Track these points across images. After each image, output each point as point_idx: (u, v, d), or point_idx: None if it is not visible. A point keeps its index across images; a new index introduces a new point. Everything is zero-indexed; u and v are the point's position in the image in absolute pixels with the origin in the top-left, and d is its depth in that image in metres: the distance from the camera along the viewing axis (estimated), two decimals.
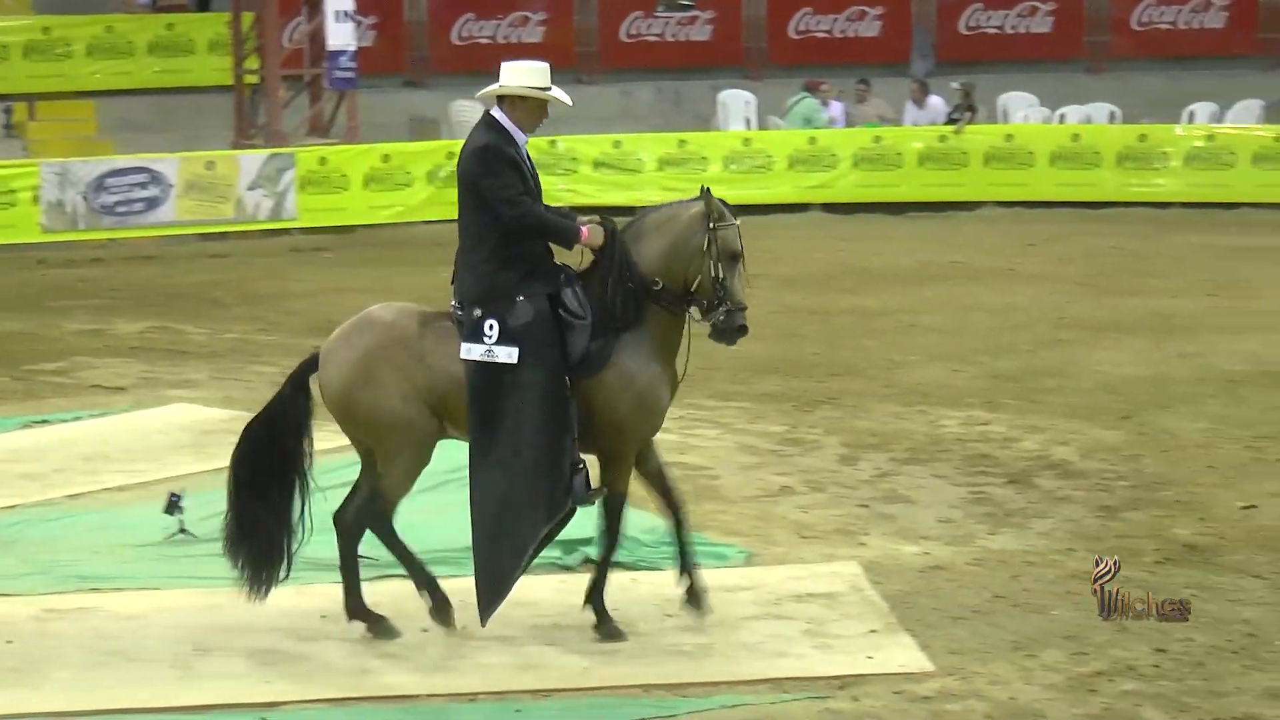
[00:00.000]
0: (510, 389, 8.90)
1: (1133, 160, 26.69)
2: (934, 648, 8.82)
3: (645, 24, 31.59)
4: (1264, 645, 8.79)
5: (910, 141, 27.26)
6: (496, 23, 31.12)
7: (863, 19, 31.51)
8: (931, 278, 20.54)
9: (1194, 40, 30.76)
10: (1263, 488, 11.58)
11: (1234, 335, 16.60)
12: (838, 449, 12.87)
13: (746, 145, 27.49)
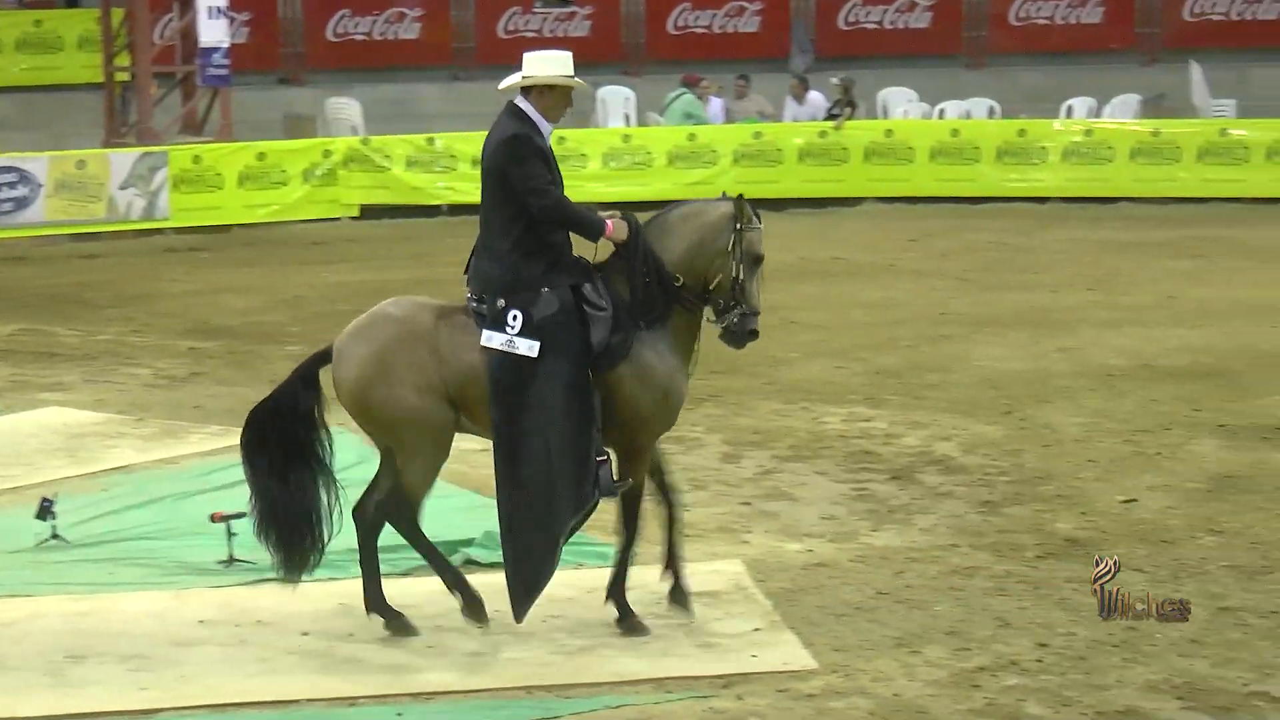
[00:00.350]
0: (533, 381, 8.88)
1: (1012, 155, 26.83)
2: (818, 645, 8.78)
3: (523, 20, 31.53)
4: (1144, 639, 8.80)
5: (790, 137, 27.28)
6: (373, 19, 30.97)
7: (742, 15, 31.55)
8: (812, 274, 20.54)
9: (1071, 35, 31.00)
10: (1142, 481, 11.62)
11: (1113, 329, 16.69)
12: (720, 447, 12.82)
13: (626, 142, 27.42)
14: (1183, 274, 19.96)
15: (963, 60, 31.28)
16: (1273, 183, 25.90)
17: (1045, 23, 31.19)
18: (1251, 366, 14.88)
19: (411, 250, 23.53)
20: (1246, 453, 12.18)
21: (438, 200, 26.77)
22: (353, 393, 9.04)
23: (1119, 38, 30.89)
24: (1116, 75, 29.78)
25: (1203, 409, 13.45)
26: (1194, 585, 9.59)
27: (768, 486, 11.79)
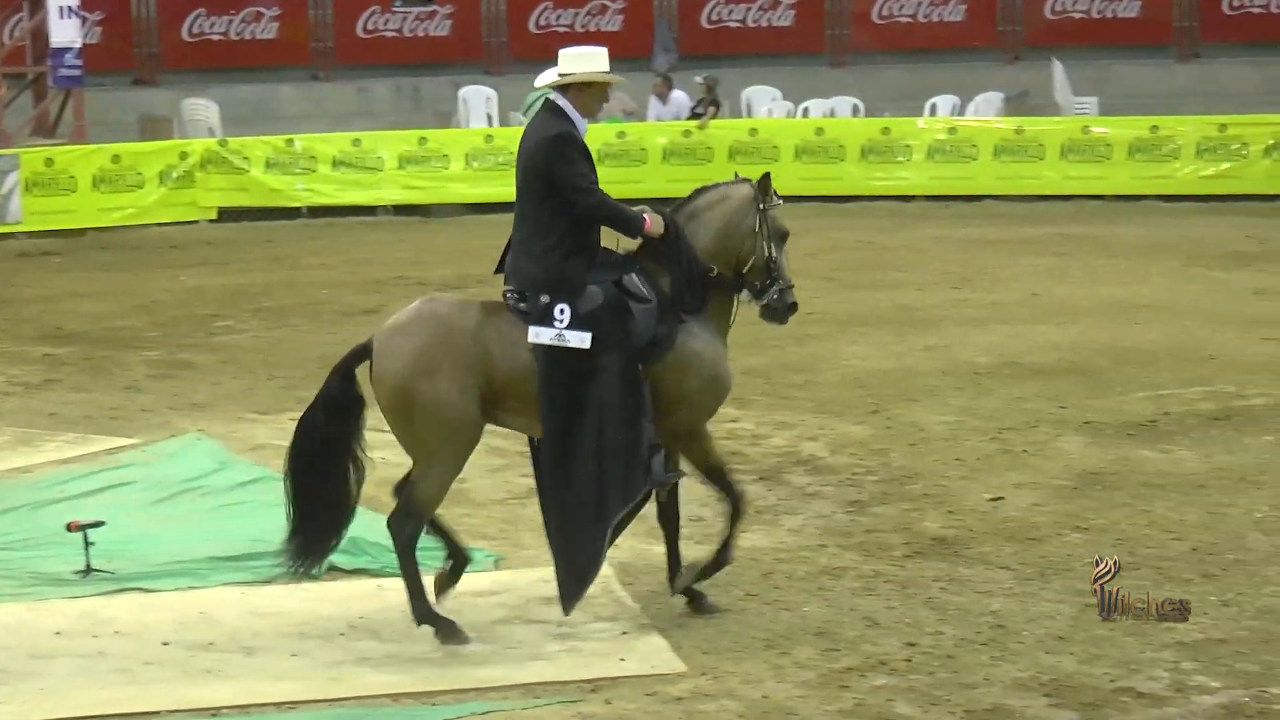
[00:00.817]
0: (584, 375, 8.94)
1: (876, 153, 26.90)
2: (686, 648, 8.71)
3: (383, 19, 31.34)
4: (1012, 636, 8.80)
5: (654, 136, 27.23)
6: (229, 19, 30.67)
7: (604, 13, 31.50)
8: None
9: (934, 33, 31.17)
10: (1008, 479, 11.64)
11: (978, 327, 16.73)
12: None
13: (489, 142, 27.26)
14: (1046, 271, 20.07)
15: (826, 58, 31.38)
16: (1134, 180, 26.13)
17: (908, 21, 31.34)
18: (1115, 363, 14.96)
19: (271, 253, 23.30)
20: (1111, 449, 12.22)
21: (298, 202, 26.53)
22: (395, 388, 8.98)
23: (981, 36, 31.10)
24: (979, 73, 29.97)
25: (1068, 406, 13.50)
26: (1060, 583, 9.60)
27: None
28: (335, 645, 8.91)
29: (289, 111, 29.95)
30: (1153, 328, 16.53)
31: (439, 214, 26.71)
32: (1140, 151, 26.21)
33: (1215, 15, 30.58)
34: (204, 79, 29.93)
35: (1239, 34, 30.49)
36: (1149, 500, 11.07)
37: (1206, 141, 26.03)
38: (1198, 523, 10.59)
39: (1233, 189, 25.82)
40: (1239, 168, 25.89)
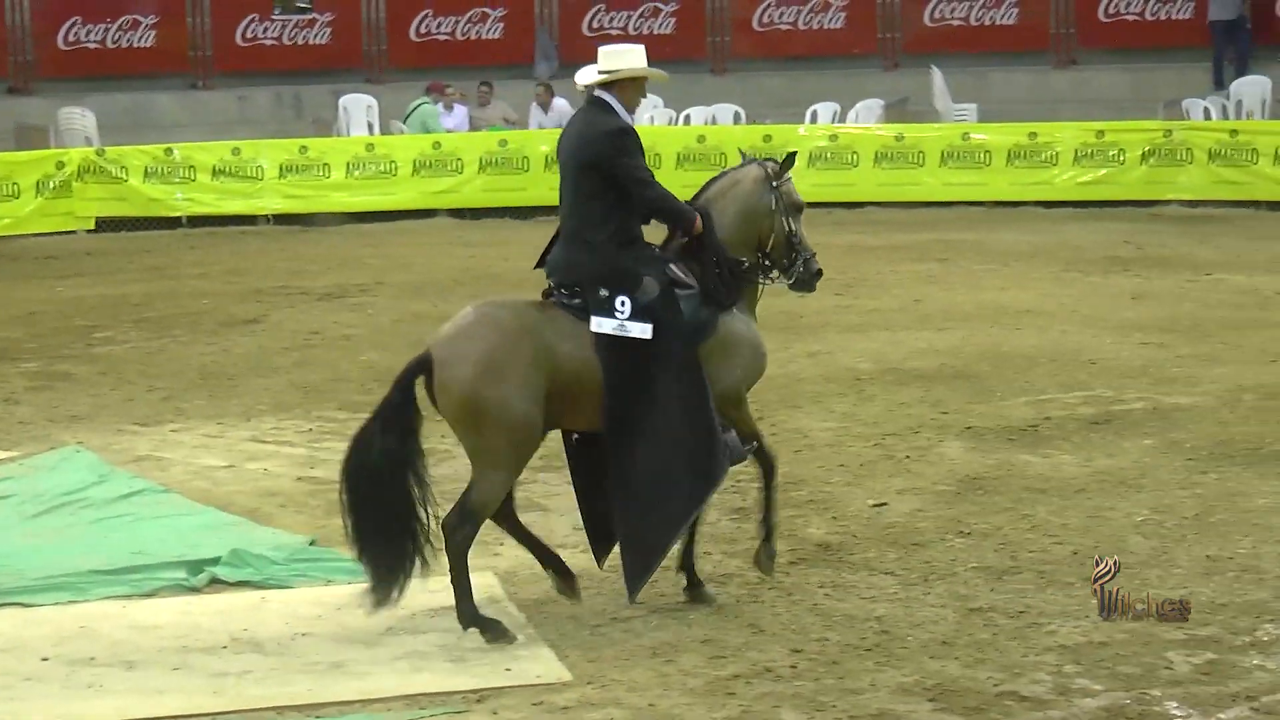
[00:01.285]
0: (646, 364, 9.12)
1: None
2: (572, 657, 8.69)
3: (262, 27, 31.13)
4: (896, 642, 8.83)
5: (536, 145, 27.19)
6: (105, 26, 30.42)
7: (485, 21, 31.45)
8: None
9: (814, 41, 31.30)
10: (891, 485, 11.68)
11: (860, 334, 16.80)
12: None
13: (370, 150, 27.16)
14: (927, 277, 20.18)
15: (707, 66, 31.46)
16: (1013, 186, 26.35)
17: (788, 28, 31.46)
18: (996, 369, 15.05)
19: (150, 263, 23.11)
20: (992, 454, 12.30)
21: (177, 212, 26.34)
22: (464, 395, 8.98)
23: (861, 43, 31.26)
24: (860, 80, 30.14)
25: (949, 411, 13.58)
26: (943, 587, 9.65)
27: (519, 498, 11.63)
28: (218, 658, 8.83)
29: (167, 120, 29.73)
30: (1032, 333, 16.66)
31: (320, 223, 26.59)
32: (1019, 158, 26.43)
33: (1091, 23, 30.88)
34: (81, 88, 29.66)
35: (1114, 41, 30.80)
36: (1030, 504, 11.14)
37: (1084, 148, 26.28)
38: (1079, 526, 10.68)
39: (1110, 195, 26.09)
40: (1116, 174, 26.16)
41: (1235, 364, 15.01)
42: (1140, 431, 12.84)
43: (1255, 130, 26.18)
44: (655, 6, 31.55)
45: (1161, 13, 30.65)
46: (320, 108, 29.99)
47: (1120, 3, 30.77)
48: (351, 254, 23.51)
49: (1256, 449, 12.24)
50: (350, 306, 19.15)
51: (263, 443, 13.26)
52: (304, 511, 11.43)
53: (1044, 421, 13.22)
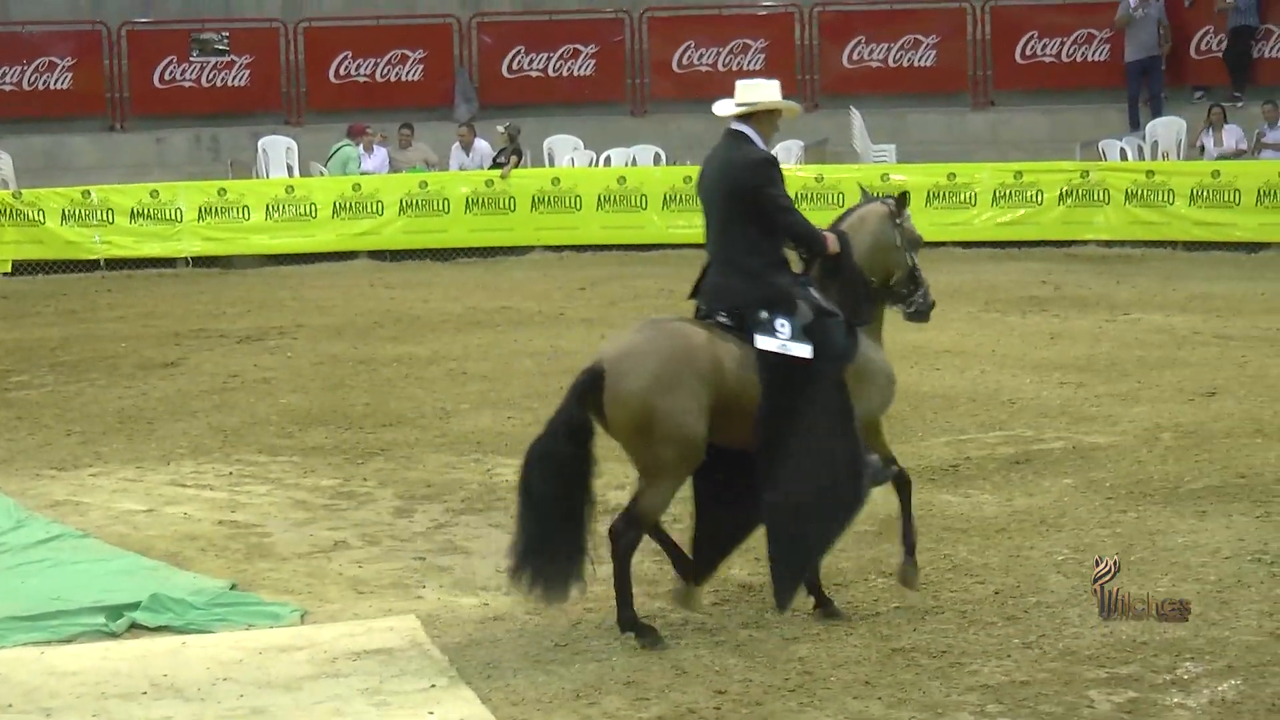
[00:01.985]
0: (802, 384, 9.50)
1: (678, 202, 27.00)
2: (495, 700, 8.67)
3: (179, 69, 31.01)
4: (819, 682, 8.85)
5: (457, 186, 27.17)
6: (21, 68, 30.26)
7: (405, 63, 31.42)
8: (480, 324, 20.45)
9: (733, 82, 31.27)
10: None
11: None
12: (392, 501, 12.64)
13: (289, 193, 27.06)
14: None
15: (627, 107, 31.54)
16: (932, 227, 26.29)
17: (708, 70, 31.55)
18: (915, 409, 15.10)
19: (66, 306, 22.97)
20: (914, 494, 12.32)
21: (95, 254, 26.18)
22: (637, 407, 9.34)
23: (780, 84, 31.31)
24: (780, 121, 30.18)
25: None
26: (866, 627, 9.67)
27: (441, 540, 11.64)
28: (137, 704, 8.76)
29: (85, 163, 29.58)
30: (951, 373, 16.74)
31: (239, 265, 26.47)
32: (938, 198, 26.56)
33: (1008, 65, 31.08)
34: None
35: (1031, 82, 31.02)
36: (951, 544, 11.19)
37: (1002, 188, 26.46)
38: (999, 566, 10.72)
39: (1028, 235, 26.26)
40: (1034, 214, 26.33)
41: (1152, 403, 15.12)
42: (1059, 471, 12.91)
43: (1171, 171, 26.40)
44: (575, 49, 31.59)
45: (1077, 54, 30.87)
46: (239, 150, 29.90)
47: (1037, 45, 30.98)
48: (271, 296, 23.43)
49: (1174, 488, 12.32)
50: (269, 349, 19.08)
51: (182, 486, 13.19)
52: (224, 555, 11.36)
53: (964, 461, 13.28)
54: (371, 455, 13.96)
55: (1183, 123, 28.59)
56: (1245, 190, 25.39)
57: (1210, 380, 15.94)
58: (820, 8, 31.57)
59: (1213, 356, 17.21)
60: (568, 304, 22.01)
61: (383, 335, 19.85)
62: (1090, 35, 30.70)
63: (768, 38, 31.50)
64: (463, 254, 26.75)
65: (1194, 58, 30.38)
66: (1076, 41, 30.80)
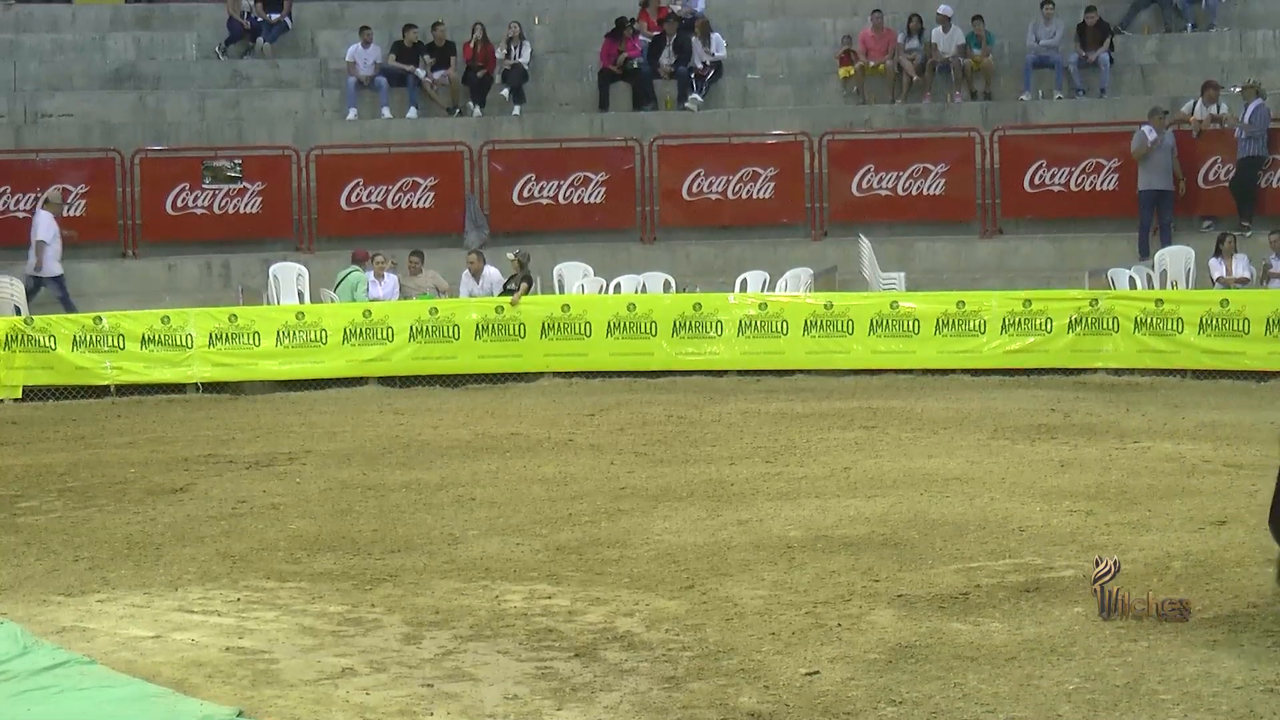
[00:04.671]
0: None
1: (687, 329, 27.10)
2: None
3: (191, 196, 31.26)
4: None
5: (467, 313, 27.27)
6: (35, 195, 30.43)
7: (415, 190, 31.65)
8: (489, 450, 20.45)
9: (743, 210, 31.60)
10: (822, 653, 11.63)
11: (789, 501, 16.80)
12: (400, 627, 12.57)
13: (300, 319, 27.15)
14: (856, 445, 20.23)
15: (637, 234, 31.70)
16: (941, 354, 26.52)
17: (717, 198, 31.77)
18: (924, 536, 15.06)
19: (76, 431, 22.99)
20: (923, 622, 12.28)
21: (105, 380, 26.25)
22: None
23: (790, 212, 31.58)
24: (788, 249, 30.43)
25: (880, 579, 13.56)
26: None
27: (449, 667, 11.57)
28: None
29: (96, 288, 29.75)
30: (960, 500, 16.70)
31: (249, 391, 26.54)
32: (947, 326, 26.61)
33: (1016, 193, 31.27)
34: (8, 256, 29.65)
35: (1039, 211, 31.21)
36: (961, 673, 11.11)
37: (1011, 316, 26.49)
38: (1009, 694, 10.65)
39: (1037, 363, 26.28)
40: (1042, 342, 26.36)
41: (1162, 531, 15.07)
42: (1069, 599, 12.85)
43: (1179, 299, 26.46)
44: (585, 176, 31.79)
45: (1085, 184, 31.05)
46: (250, 276, 30.06)
47: (1045, 174, 31.16)
48: (280, 422, 23.45)
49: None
50: (278, 475, 19.07)
51: (189, 612, 13.14)
52: (231, 682, 11.30)
53: (974, 589, 13.22)
54: (379, 581, 13.91)
55: (1191, 251, 28.71)
56: (1254, 319, 25.43)
57: (1220, 509, 15.89)
58: (830, 136, 31.79)
59: (1223, 485, 17.17)
60: (576, 430, 22.01)
61: (391, 461, 19.84)
62: (1098, 165, 30.90)
63: (777, 165, 31.73)
64: (472, 380, 26.80)
65: (1202, 187, 30.54)
66: (1085, 171, 30.99)
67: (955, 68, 33.59)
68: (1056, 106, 32.78)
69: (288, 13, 36.24)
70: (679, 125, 33.06)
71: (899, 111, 33.20)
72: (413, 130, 33.37)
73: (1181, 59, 33.60)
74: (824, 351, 26.77)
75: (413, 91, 34.07)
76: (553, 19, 36.71)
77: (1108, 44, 33.21)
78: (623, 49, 33.95)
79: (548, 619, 12.62)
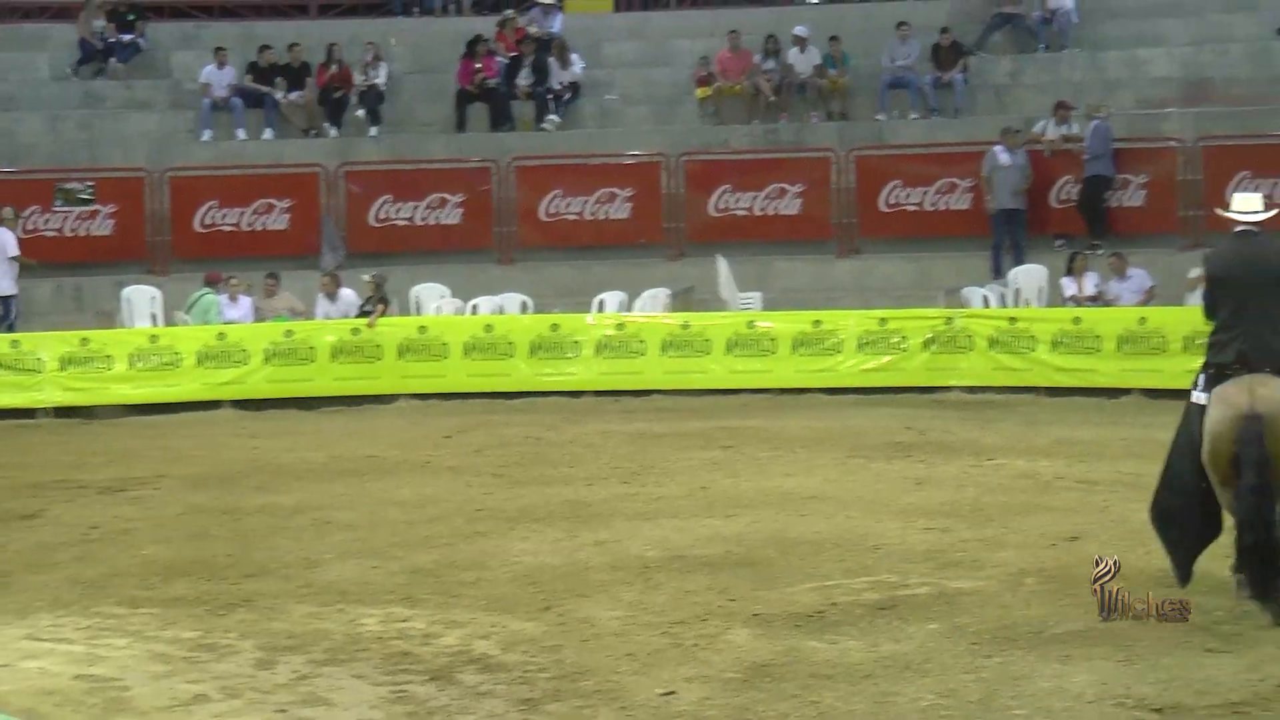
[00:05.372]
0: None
1: (545, 350, 27.07)
2: None
3: (43, 219, 30.88)
4: None
5: (323, 335, 27.10)
6: None
7: (271, 211, 31.43)
8: (346, 473, 20.31)
9: (600, 230, 31.60)
10: (679, 673, 11.62)
11: (647, 521, 16.80)
12: (254, 653, 12.44)
13: (153, 342, 26.88)
14: (713, 464, 20.27)
15: (494, 255, 31.62)
16: (798, 374, 26.64)
17: (575, 218, 31.75)
18: (782, 555, 15.10)
19: None
20: (780, 641, 12.30)
21: None
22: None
23: (647, 233, 31.59)
24: (646, 269, 30.45)
25: (737, 598, 13.57)
26: None
27: (303, 692, 11.46)
28: None
29: None
30: (818, 518, 16.76)
31: (102, 416, 26.22)
32: (804, 345, 26.73)
33: (872, 213, 31.45)
34: None
35: (895, 230, 31.39)
36: (818, 691, 11.14)
37: (867, 335, 26.65)
38: (865, 712, 10.69)
39: (893, 381, 26.44)
40: (898, 360, 26.54)
41: (1017, 548, 15.19)
42: (925, 616, 12.92)
43: (1033, 318, 26.74)
44: (442, 197, 31.70)
45: (941, 203, 31.28)
46: (102, 299, 29.72)
47: (901, 193, 31.38)
48: (133, 447, 23.19)
49: (1039, 632, 12.35)
50: (131, 500, 18.85)
51: (39, 640, 12.95)
52: (81, 710, 11.14)
53: (830, 607, 13.26)
54: (234, 606, 13.77)
55: (1044, 270, 29.02)
56: (1106, 337, 25.74)
57: (1074, 525, 16.04)
58: (687, 157, 31.87)
59: (1076, 501, 17.34)
60: (434, 452, 21.91)
61: (247, 485, 19.66)
62: (953, 184, 31.14)
63: (635, 186, 31.76)
64: (329, 403, 26.63)
65: (1054, 207, 30.87)
66: (940, 190, 31.23)
67: (812, 88, 33.77)
68: (912, 127, 33.02)
69: (141, 34, 35.86)
70: (537, 146, 33.02)
71: (756, 132, 33.32)
72: (268, 151, 33.13)
73: (1035, 79, 33.95)
74: (682, 371, 26.83)
75: (269, 113, 33.83)
76: (409, 40, 36.54)
77: (962, 65, 33.50)
78: (480, 69, 33.86)
79: (404, 642, 12.54)
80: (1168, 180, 30.37)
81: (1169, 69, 33.53)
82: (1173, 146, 30.61)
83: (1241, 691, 10.74)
